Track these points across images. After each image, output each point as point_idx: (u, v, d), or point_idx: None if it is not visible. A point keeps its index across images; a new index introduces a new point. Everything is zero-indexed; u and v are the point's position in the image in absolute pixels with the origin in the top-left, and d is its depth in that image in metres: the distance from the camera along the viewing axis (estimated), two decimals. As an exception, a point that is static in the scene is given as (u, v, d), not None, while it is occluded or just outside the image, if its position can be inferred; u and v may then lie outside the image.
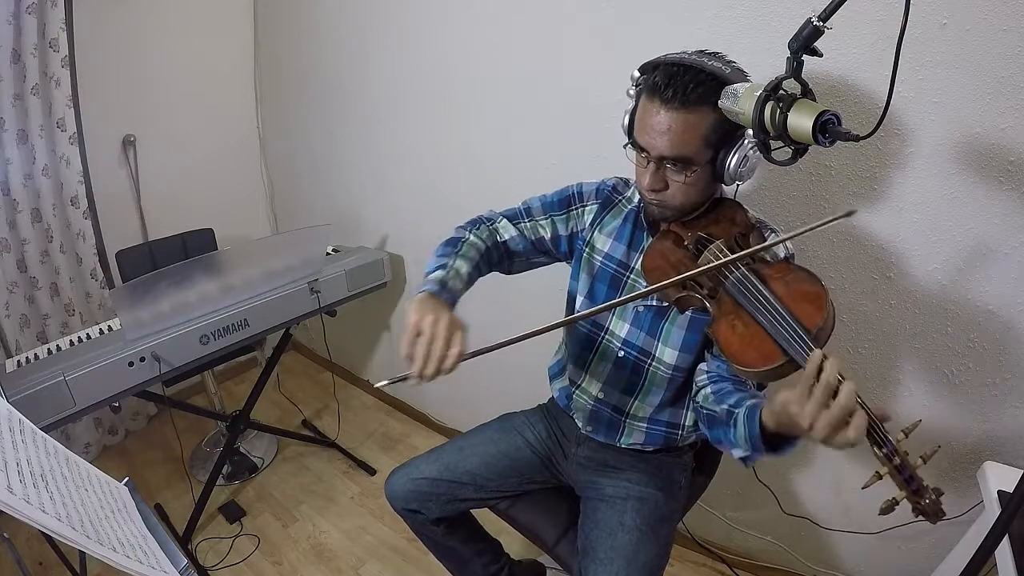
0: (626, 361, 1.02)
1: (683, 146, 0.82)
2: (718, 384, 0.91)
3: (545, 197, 1.09)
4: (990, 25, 0.88)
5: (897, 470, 0.61)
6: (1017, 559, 0.82)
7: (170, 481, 1.98)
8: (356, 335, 2.45)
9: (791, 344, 0.68)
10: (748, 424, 0.75)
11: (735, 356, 0.74)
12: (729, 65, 0.83)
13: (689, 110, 0.80)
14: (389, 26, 1.77)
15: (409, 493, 1.12)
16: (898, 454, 0.61)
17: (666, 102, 0.80)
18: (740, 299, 0.77)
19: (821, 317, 0.69)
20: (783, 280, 0.77)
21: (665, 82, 0.80)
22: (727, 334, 0.77)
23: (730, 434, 0.80)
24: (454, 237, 1.03)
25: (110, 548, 0.69)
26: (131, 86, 2.04)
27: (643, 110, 0.84)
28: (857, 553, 1.39)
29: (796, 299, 0.73)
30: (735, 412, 0.80)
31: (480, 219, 1.09)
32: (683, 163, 0.83)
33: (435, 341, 0.77)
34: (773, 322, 0.71)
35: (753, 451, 0.76)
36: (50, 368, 1.28)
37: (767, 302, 0.73)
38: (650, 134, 0.83)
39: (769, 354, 0.71)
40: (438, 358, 0.77)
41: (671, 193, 0.87)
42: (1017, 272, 0.99)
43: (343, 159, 2.17)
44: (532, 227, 1.07)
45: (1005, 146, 0.92)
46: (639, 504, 1.01)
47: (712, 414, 0.87)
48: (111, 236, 2.05)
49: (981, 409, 1.09)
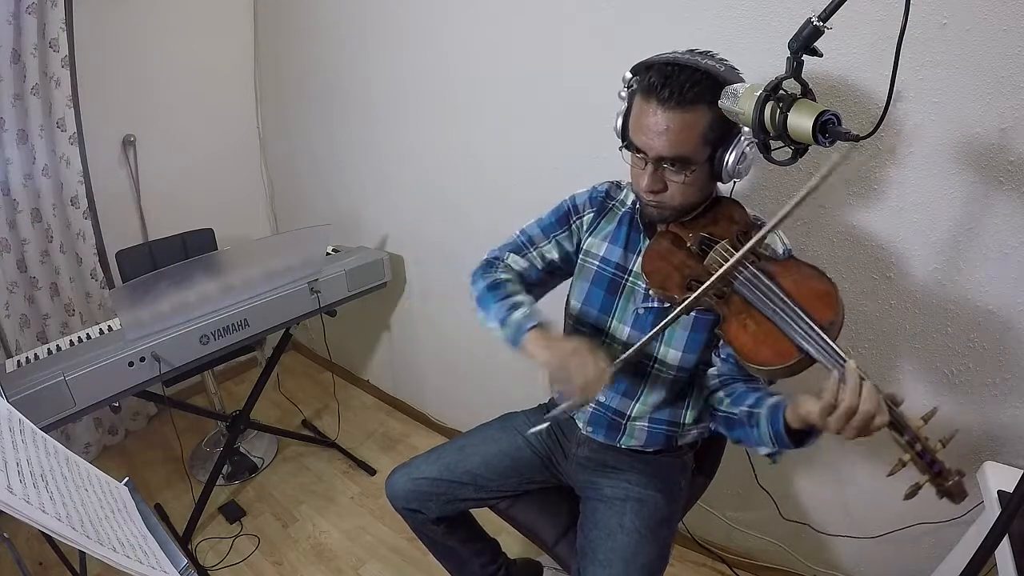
0: (626, 364, 1.02)
1: (681, 146, 0.81)
2: (731, 386, 0.92)
3: (542, 220, 1.09)
4: (990, 25, 0.88)
5: (919, 455, 0.63)
6: (1017, 559, 0.83)
7: (170, 481, 1.98)
8: (356, 335, 2.45)
9: (808, 340, 0.69)
10: (772, 424, 0.78)
11: (749, 355, 0.75)
12: (722, 63, 0.83)
13: (686, 109, 0.80)
14: (389, 26, 1.77)
15: (409, 492, 1.12)
16: (919, 440, 0.63)
17: (663, 102, 0.80)
18: (751, 298, 0.77)
19: (833, 311, 0.71)
20: (792, 277, 0.77)
21: (661, 82, 0.80)
22: (739, 333, 0.77)
23: (753, 434, 0.82)
24: (492, 282, 1.03)
25: (110, 548, 0.69)
26: (131, 86, 2.04)
27: (639, 111, 0.84)
28: (857, 553, 1.39)
29: (807, 295, 0.73)
30: (755, 412, 0.82)
31: (490, 261, 1.10)
32: (682, 163, 0.83)
33: (585, 366, 0.81)
34: (787, 319, 0.72)
35: (780, 447, 0.78)
36: (50, 368, 1.28)
37: (780, 300, 0.74)
38: (647, 135, 0.83)
39: (784, 351, 0.71)
40: (597, 380, 0.81)
41: (670, 194, 0.87)
42: (1017, 272, 0.99)
43: (343, 159, 2.17)
44: (539, 254, 1.08)
45: (1005, 146, 0.92)
46: (638, 506, 1.01)
47: (730, 416, 0.88)
48: (111, 236, 2.05)
49: (981, 409, 1.09)
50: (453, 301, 1.95)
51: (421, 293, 2.11)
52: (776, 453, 0.80)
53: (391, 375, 2.42)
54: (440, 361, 2.15)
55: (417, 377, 2.29)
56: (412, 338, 2.23)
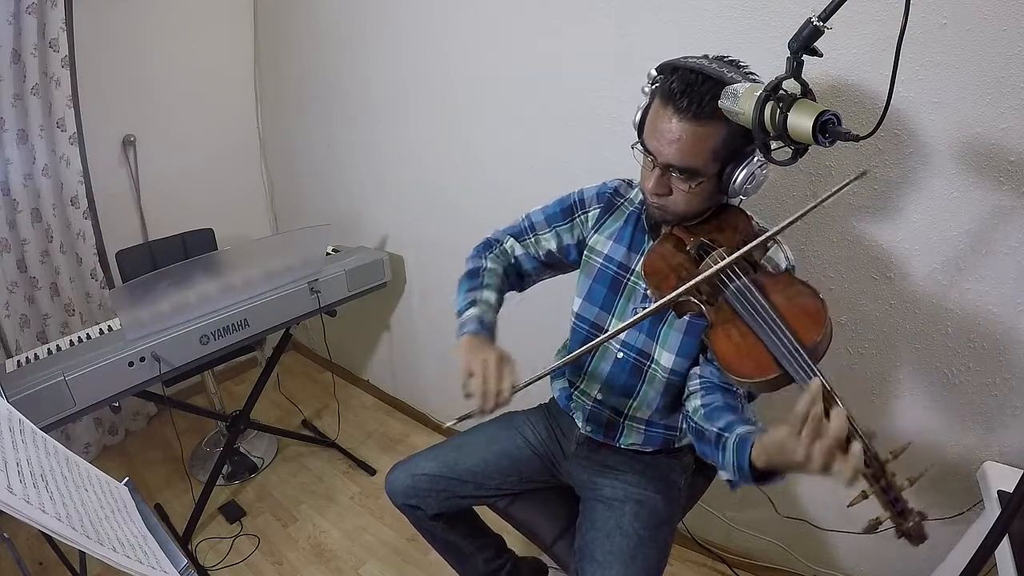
0: (625, 363, 1.02)
1: (692, 158, 0.81)
2: (710, 395, 0.90)
3: (547, 208, 1.09)
4: (990, 25, 0.88)
5: (883, 491, 0.60)
6: (1017, 559, 0.83)
7: (170, 481, 1.98)
8: (356, 335, 2.45)
9: (786, 358, 0.68)
10: (738, 456, 0.75)
11: (729, 365, 0.74)
12: (747, 78, 0.80)
13: (701, 123, 0.79)
14: (389, 26, 1.77)
15: (409, 489, 1.12)
16: (885, 476, 0.60)
17: (679, 111, 0.79)
18: (739, 308, 0.77)
19: (819, 333, 0.69)
20: (784, 293, 0.76)
21: (681, 89, 0.78)
22: (723, 342, 0.77)
23: (718, 457, 0.80)
24: (473, 268, 1.06)
25: (110, 548, 0.69)
26: (131, 86, 2.04)
27: (655, 114, 0.83)
28: (857, 553, 1.39)
29: (795, 313, 0.72)
30: (724, 437, 0.80)
31: (489, 242, 1.12)
32: (689, 173, 0.83)
33: (488, 380, 0.84)
34: (770, 335, 0.71)
35: (740, 480, 0.76)
36: (50, 368, 1.28)
37: (766, 314, 0.73)
38: (659, 140, 0.82)
39: (764, 365, 0.70)
40: (494, 393, 0.84)
41: (673, 200, 0.87)
42: (1017, 272, 0.99)
43: (343, 159, 2.17)
44: (536, 242, 1.09)
45: (1005, 146, 0.92)
46: (637, 507, 1.01)
47: (700, 430, 0.87)
48: (111, 236, 2.05)
49: (981, 409, 1.09)
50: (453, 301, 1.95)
51: (421, 293, 2.11)
52: (734, 483, 0.78)
53: (391, 375, 2.42)
54: (440, 361, 2.14)
55: (417, 377, 2.29)
56: (412, 338, 2.23)
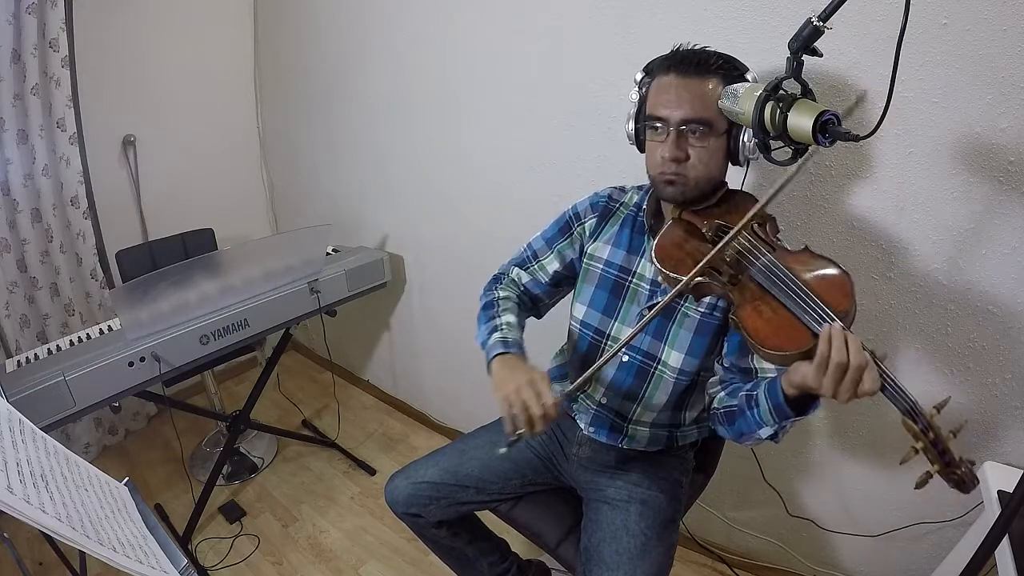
0: (631, 366, 1.01)
1: (703, 109, 0.84)
2: (731, 385, 0.92)
3: (545, 232, 1.11)
4: (990, 25, 0.88)
5: (932, 444, 0.64)
6: (1017, 559, 0.82)
7: (170, 481, 1.98)
8: (356, 335, 2.45)
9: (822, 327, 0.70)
10: (771, 397, 0.78)
11: (764, 340, 0.75)
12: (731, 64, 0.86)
13: (704, 77, 0.84)
14: (389, 26, 1.77)
15: (410, 497, 1.11)
16: (932, 428, 0.64)
17: (682, 73, 0.85)
18: (767, 284, 0.78)
19: (849, 301, 0.72)
20: (808, 267, 0.78)
21: (678, 59, 0.86)
22: (754, 319, 0.77)
23: (755, 415, 0.82)
24: (487, 301, 1.08)
25: (110, 548, 0.69)
26: (131, 86, 2.04)
27: (656, 90, 0.88)
28: (857, 553, 1.39)
29: (824, 285, 0.75)
30: (753, 394, 0.83)
31: (497, 276, 1.15)
32: (705, 126, 0.85)
33: (529, 405, 0.84)
34: (803, 306, 0.72)
35: (781, 420, 0.78)
36: (50, 368, 1.28)
37: (796, 287, 0.74)
38: (668, 105, 0.85)
39: (801, 337, 0.72)
40: (540, 417, 0.83)
41: (692, 164, 0.87)
42: (1017, 272, 0.99)
43: (343, 159, 2.17)
44: (541, 267, 1.10)
45: (1005, 146, 0.92)
46: (643, 508, 1.01)
47: (730, 409, 0.88)
48: (111, 236, 2.05)
49: (981, 409, 1.09)
50: (453, 301, 1.95)
51: (421, 293, 2.11)
52: (779, 429, 0.80)
53: (391, 375, 2.42)
54: (440, 361, 2.15)
55: (417, 377, 2.29)
56: (412, 338, 2.23)
